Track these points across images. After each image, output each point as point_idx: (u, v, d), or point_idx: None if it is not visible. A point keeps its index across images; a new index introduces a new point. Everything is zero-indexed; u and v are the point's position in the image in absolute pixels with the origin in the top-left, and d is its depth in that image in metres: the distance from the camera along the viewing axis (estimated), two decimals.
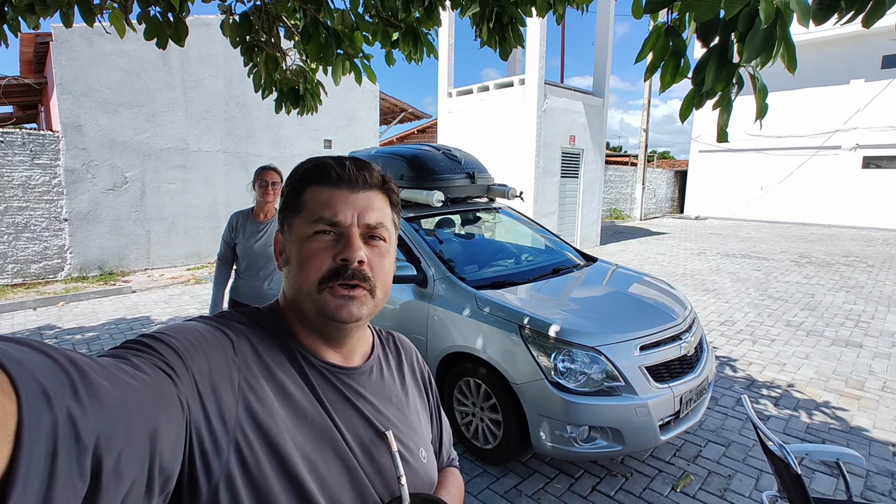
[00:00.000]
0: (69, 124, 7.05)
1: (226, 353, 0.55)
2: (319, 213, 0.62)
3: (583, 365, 2.33)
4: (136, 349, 0.47)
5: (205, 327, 0.56)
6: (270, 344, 0.61)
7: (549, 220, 9.97)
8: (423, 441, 0.74)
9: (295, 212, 0.65)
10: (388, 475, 0.63)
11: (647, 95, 17.19)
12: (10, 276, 6.84)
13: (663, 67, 1.46)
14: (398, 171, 3.53)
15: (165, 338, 0.50)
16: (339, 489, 0.58)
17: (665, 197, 20.62)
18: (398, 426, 0.69)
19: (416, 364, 0.83)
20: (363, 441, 0.63)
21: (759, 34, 1.18)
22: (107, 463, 0.34)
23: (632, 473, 2.63)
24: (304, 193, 0.65)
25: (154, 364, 0.45)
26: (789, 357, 4.33)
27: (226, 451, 0.50)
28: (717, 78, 1.33)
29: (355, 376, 0.67)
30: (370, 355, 0.73)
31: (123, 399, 0.37)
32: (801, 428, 3.11)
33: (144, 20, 2.36)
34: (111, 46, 7.25)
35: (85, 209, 7.33)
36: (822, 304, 6.08)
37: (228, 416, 0.51)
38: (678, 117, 1.54)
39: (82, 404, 0.33)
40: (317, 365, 0.64)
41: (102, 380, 0.36)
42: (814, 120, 15.92)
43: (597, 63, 10.60)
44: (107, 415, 0.35)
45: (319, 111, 2.95)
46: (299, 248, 0.63)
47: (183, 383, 0.47)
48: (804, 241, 11.89)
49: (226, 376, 0.53)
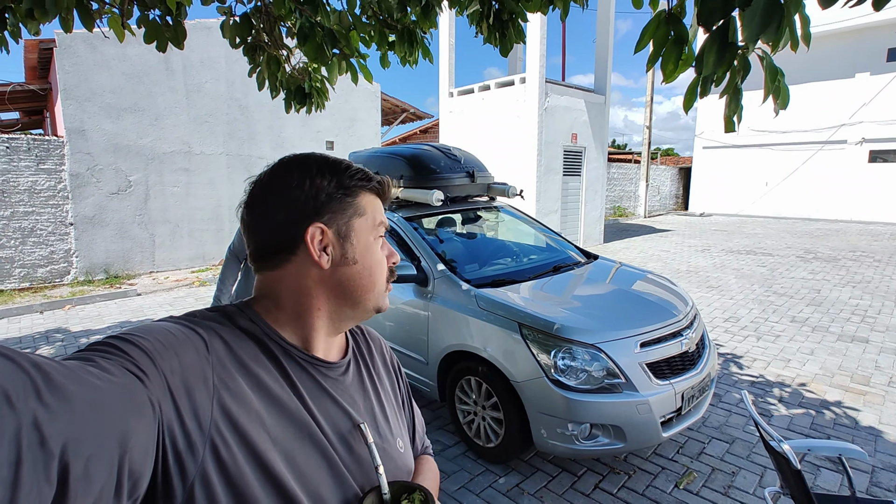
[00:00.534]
0: (73, 129, 7.11)
1: (198, 351, 0.54)
2: (380, 221, 0.70)
3: (583, 362, 2.33)
4: (102, 351, 0.46)
5: (175, 327, 0.55)
6: (244, 340, 0.60)
7: (552, 218, 9.95)
8: (399, 431, 0.76)
9: (356, 213, 0.67)
10: (366, 466, 0.64)
11: (649, 92, 17.13)
12: (17, 280, 6.91)
13: (664, 57, 1.37)
14: (398, 171, 3.53)
15: (134, 339, 0.49)
16: (318, 481, 0.59)
17: (669, 194, 20.53)
18: (375, 418, 0.70)
19: (386, 354, 0.84)
20: (342, 433, 0.64)
21: (759, 10, 1.10)
22: (74, 468, 0.33)
23: (635, 471, 2.62)
24: (358, 197, 0.67)
25: (122, 365, 0.45)
26: (794, 353, 4.30)
27: (201, 450, 0.50)
28: (719, 61, 1.25)
29: (334, 369, 0.68)
30: (346, 350, 0.74)
31: (90, 401, 0.37)
32: (807, 424, 3.09)
33: (143, 24, 2.38)
34: (114, 51, 7.31)
35: (90, 213, 7.38)
36: (827, 299, 6.03)
37: (203, 415, 0.51)
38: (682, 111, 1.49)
39: (47, 407, 0.32)
40: (297, 358, 0.64)
41: (68, 382, 0.35)
42: (819, 114, 15.80)
43: (598, 60, 10.57)
44: (74, 418, 0.34)
45: (321, 112, 2.96)
46: (373, 250, 0.69)
47: (153, 384, 0.46)
48: (810, 237, 11.81)
49: (199, 375, 0.52)
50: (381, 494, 0.61)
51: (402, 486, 0.64)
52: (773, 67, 1.26)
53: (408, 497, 0.63)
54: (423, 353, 2.98)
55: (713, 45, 1.24)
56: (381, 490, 0.61)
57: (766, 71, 1.26)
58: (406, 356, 3.13)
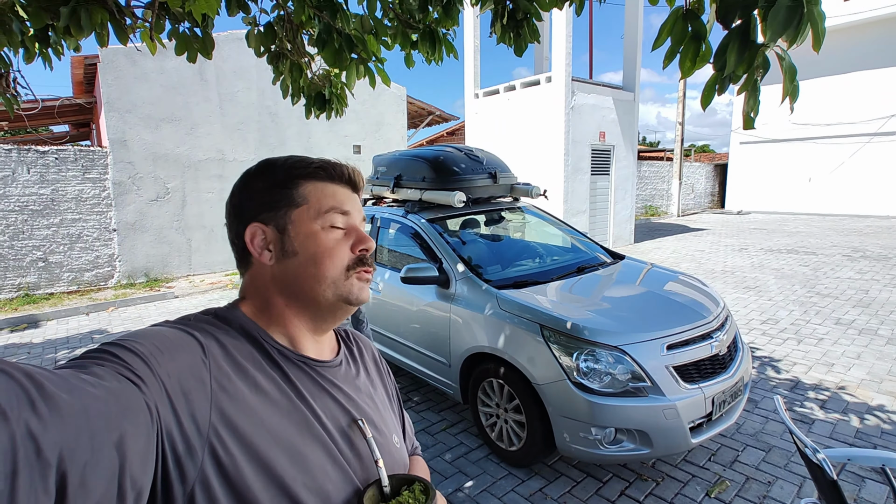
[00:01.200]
0: (116, 140, 7.48)
1: (195, 354, 0.54)
2: (330, 206, 0.66)
3: (607, 365, 2.27)
4: (96, 358, 0.46)
5: (171, 331, 0.55)
6: (241, 342, 0.61)
7: (580, 218, 9.78)
8: (395, 428, 0.77)
9: (293, 205, 0.66)
10: (366, 461, 0.65)
11: (681, 88, 16.64)
12: (65, 283, 7.31)
13: (682, 53, 1.38)
14: (420, 173, 3.55)
15: (129, 344, 0.49)
16: (322, 477, 0.59)
17: (704, 192, 19.85)
18: (371, 414, 0.71)
19: (377, 355, 0.85)
20: (342, 429, 0.65)
21: (782, 10, 1.10)
22: (72, 476, 0.33)
23: (663, 478, 2.54)
24: (300, 188, 0.66)
25: (116, 371, 0.45)
26: (838, 357, 4.07)
27: (200, 454, 0.50)
28: (740, 60, 1.24)
29: (329, 368, 0.69)
30: (338, 349, 0.75)
31: (85, 409, 0.37)
32: (851, 432, 2.91)
33: (174, 37, 2.49)
34: (152, 65, 7.65)
35: (131, 219, 7.74)
36: (876, 300, 5.69)
37: (201, 418, 0.51)
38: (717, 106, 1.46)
39: (41, 418, 0.32)
40: (293, 358, 0.65)
41: (61, 391, 0.35)
42: (867, 105, 14.93)
43: (626, 57, 10.34)
44: (68, 427, 0.34)
45: (348, 117, 3.02)
46: (317, 239, 0.65)
47: (150, 389, 0.46)
48: (858, 235, 11.17)
49: (196, 378, 0.52)
50: (382, 487, 0.62)
51: (402, 479, 0.66)
52: (792, 67, 1.23)
53: (408, 488, 0.64)
54: (445, 355, 2.98)
55: (734, 44, 1.22)
56: (381, 483, 0.63)
57: (784, 72, 1.23)
58: (429, 357, 3.13)
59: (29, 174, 6.87)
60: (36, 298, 6.86)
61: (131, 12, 2.30)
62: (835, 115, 15.51)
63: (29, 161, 6.87)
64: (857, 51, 14.64)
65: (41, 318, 6.15)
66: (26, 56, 2.35)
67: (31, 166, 6.88)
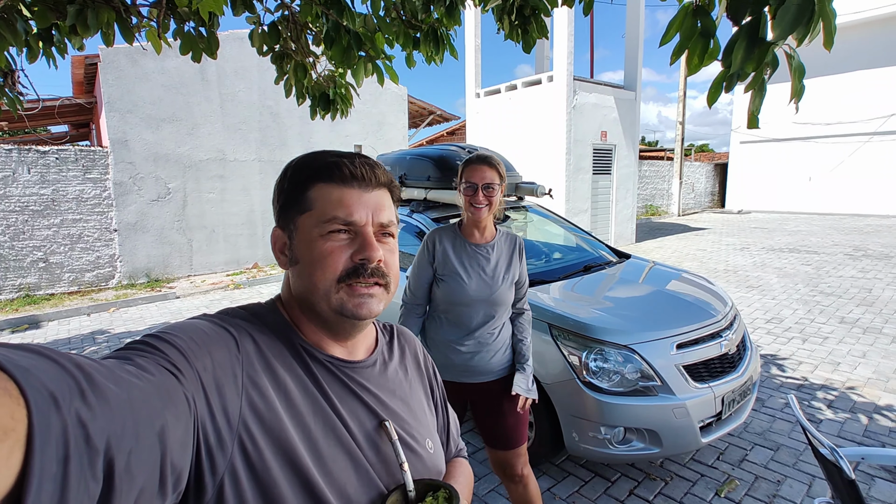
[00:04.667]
0: (116, 140, 7.46)
1: (229, 349, 0.55)
2: (333, 212, 0.62)
3: (616, 364, 2.26)
4: (139, 350, 0.48)
5: (207, 325, 0.56)
6: (273, 339, 0.61)
7: (582, 217, 9.77)
8: (429, 432, 0.74)
9: (300, 210, 0.63)
10: (392, 465, 0.64)
11: (682, 86, 16.63)
12: (66, 284, 7.29)
13: (690, 49, 1.36)
14: (425, 172, 3.54)
15: (168, 337, 0.51)
16: (345, 480, 0.59)
17: (704, 191, 19.86)
18: (403, 417, 0.69)
19: (420, 356, 0.82)
20: (368, 432, 0.63)
21: (793, 6, 1.08)
22: (118, 463, 0.34)
23: (672, 477, 2.53)
24: (309, 191, 0.63)
25: (158, 363, 0.46)
26: (844, 356, 4.06)
27: (230, 447, 0.51)
28: (748, 58, 1.23)
29: (359, 370, 0.67)
30: (374, 349, 0.73)
31: (130, 399, 0.38)
32: (859, 431, 2.91)
33: (179, 36, 2.47)
34: (153, 64, 7.63)
35: (132, 220, 7.72)
36: (880, 299, 5.68)
37: (232, 412, 0.52)
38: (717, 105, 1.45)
39: (90, 407, 0.33)
40: (321, 359, 0.64)
41: (108, 382, 0.36)
42: (867, 104, 14.95)
43: (628, 56, 10.33)
44: (115, 416, 0.35)
45: (350, 117, 3.00)
46: (312, 247, 0.62)
47: (188, 381, 0.47)
48: (859, 233, 11.18)
49: (229, 373, 0.53)
50: (407, 492, 0.60)
51: (428, 484, 0.63)
52: (801, 66, 1.22)
53: (433, 494, 0.62)
54: None
55: (742, 41, 1.21)
56: (405, 487, 0.60)
57: (793, 71, 1.21)
58: None
59: (29, 174, 6.85)
60: (37, 299, 6.84)
61: (137, 11, 2.29)
62: (835, 114, 15.52)
63: (29, 161, 6.85)
64: (857, 50, 14.65)
65: (42, 319, 6.13)
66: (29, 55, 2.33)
67: (31, 166, 6.86)
